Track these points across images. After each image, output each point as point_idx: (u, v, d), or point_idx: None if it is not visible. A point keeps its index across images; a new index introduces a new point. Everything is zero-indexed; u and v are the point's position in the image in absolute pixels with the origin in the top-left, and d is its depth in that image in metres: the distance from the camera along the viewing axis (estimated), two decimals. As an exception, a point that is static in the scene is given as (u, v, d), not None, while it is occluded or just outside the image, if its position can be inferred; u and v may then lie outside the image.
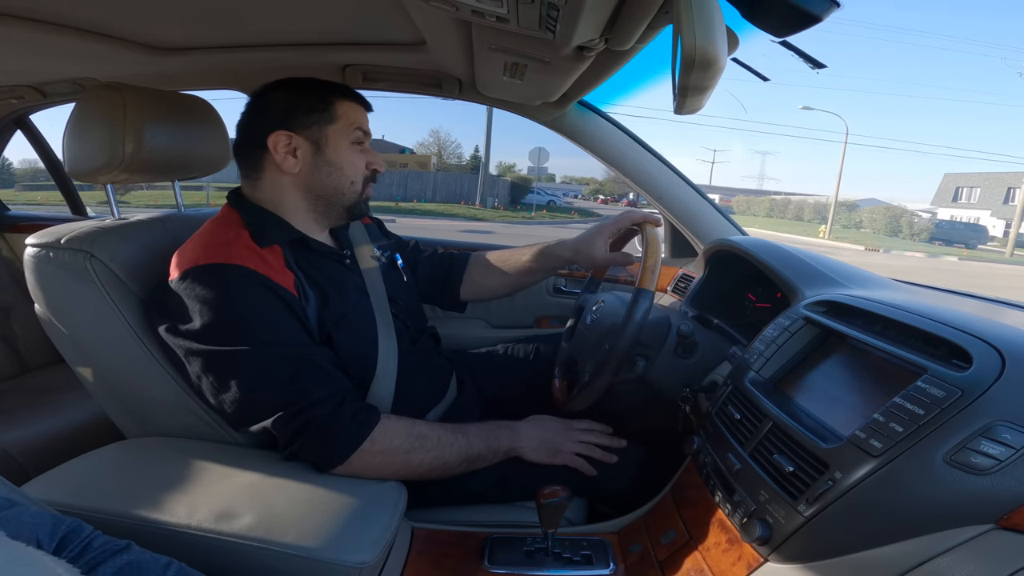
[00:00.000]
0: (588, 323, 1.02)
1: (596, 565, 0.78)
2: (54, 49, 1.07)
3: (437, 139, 33.24)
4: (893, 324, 0.64)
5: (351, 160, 0.88)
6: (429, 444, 0.81)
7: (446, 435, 0.83)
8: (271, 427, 0.74)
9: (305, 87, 0.87)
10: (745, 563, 0.63)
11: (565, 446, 0.92)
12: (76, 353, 0.85)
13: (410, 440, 0.79)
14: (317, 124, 0.85)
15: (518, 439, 0.90)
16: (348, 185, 0.88)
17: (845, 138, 23.65)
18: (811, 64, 0.70)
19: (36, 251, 0.81)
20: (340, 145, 0.87)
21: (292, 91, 0.86)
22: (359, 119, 0.89)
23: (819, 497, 0.54)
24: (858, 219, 26.94)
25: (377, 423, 0.77)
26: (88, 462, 0.77)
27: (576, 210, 25.10)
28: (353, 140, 0.88)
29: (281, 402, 0.73)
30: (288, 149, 0.84)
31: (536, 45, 0.79)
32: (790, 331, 0.74)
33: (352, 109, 0.88)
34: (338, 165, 0.87)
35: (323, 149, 0.86)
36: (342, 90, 0.89)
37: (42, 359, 1.64)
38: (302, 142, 0.84)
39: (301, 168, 0.85)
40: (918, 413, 0.51)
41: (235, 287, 0.74)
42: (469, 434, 0.86)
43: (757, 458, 0.65)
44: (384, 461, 0.77)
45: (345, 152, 0.87)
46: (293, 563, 0.61)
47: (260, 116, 0.86)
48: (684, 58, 0.48)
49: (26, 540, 0.45)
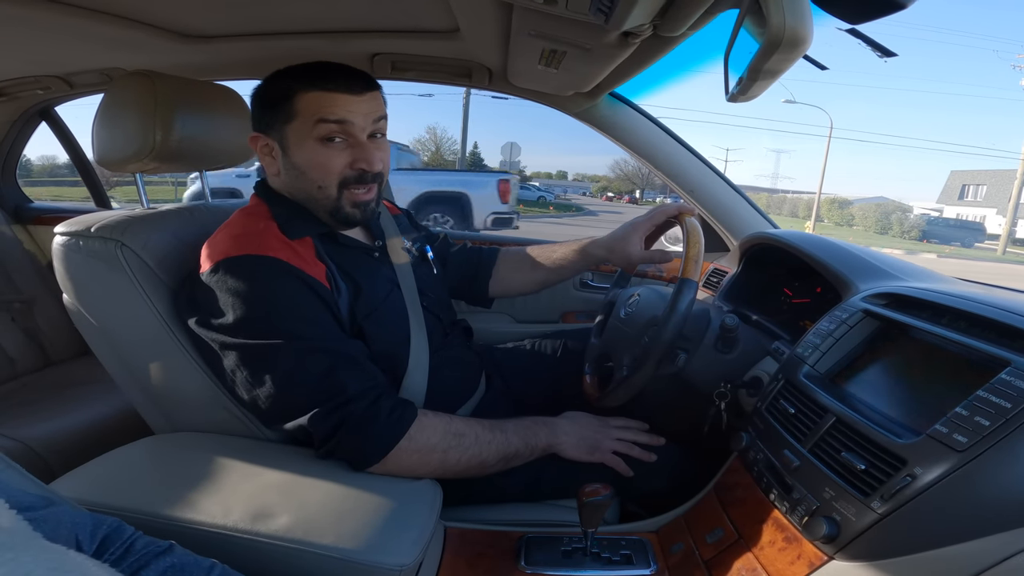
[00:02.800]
0: (622, 317, 1.00)
1: (636, 565, 0.76)
2: (82, 35, 1.06)
3: (434, 136, 33.03)
4: (964, 316, 0.62)
5: (316, 161, 0.77)
6: (467, 443, 0.78)
7: (484, 433, 0.81)
8: (307, 424, 0.72)
9: (275, 79, 0.79)
10: (806, 562, 0.60)
11: (604, 443, 0.90)
12: (104, 344, 0.84)
13: (448, 439, 0.77)
14: (279, 123, 0.77)
15: (556, 436, 0.88)
16: (316, 190, 0.79)
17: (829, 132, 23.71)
18: (880, 52, 0.67)
19: (66, 239, 0.80)
20: (302, 145, 0.77)
21: (264, 84, 0.80)
22: (324, 109, 0.75)
23: (895, 494, 0.52)
24: (850, 216, 26.80)
25: (414, 420, 0.75)
26: (117, 458, 0.76)
27: (553, 204, 24.88)
28: (319, 136, 0.76)
29: (317, 398, 0.71)
30: (265, 151, 0.80)
31: (580, 30, 0.77)
32: (848, 324, 0.72)
33: (316, 99, 0.74)
34: (301, 168, 0.78)
35: (288, 151, 0.78)
36: (309, 75, 0.76)
37: (66, 352, 1.63)
38: (273, 144, 0.79)
39: (278, 170, 0.81)
40: (1005, 407, 0.49)
41: (267, 279, 0.72)
42: (507, 431, 0.83)
43: (819, 454, 0.63)
44: (420, 460, 0.75)
45: (309, 152, 0.77)
46: (332, 565, 0.60)
47: (252, 113, 0.82)
48: (770, 38, 0.46)
49: (64, 541, 0.43)
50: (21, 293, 1.60)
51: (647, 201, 33.87)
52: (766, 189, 46.67)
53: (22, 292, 1.60)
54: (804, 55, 0.71)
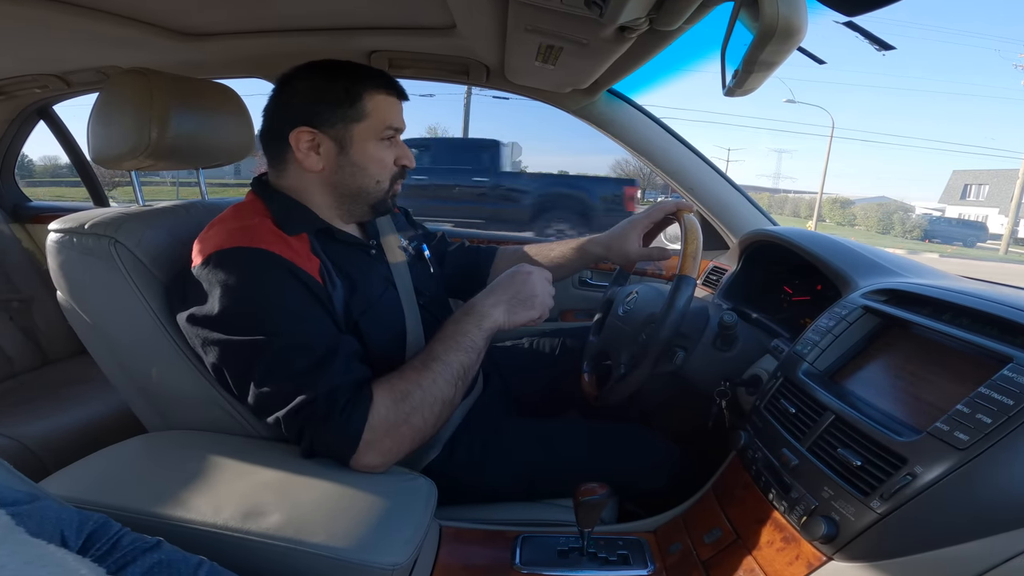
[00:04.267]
0: (621, 315, 0.99)
1: (634, 565, 0.75)
2: (79, 34, 1.06)
3: (435, 136, 32.91)
4: (966, 312, 0.61)
5: (378, 158, 0.82)
6: (416, 398, 0.73)
7: (425, 377, 0.75)
8: (282, 424, 0.71)
9: (333, 76, 0.81)
10: (804, 562, 0.59)
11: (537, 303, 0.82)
12: (98, 341, 0.83)
13: (399, 406, 0.72)
14: (343, 122, 0.79)
15: (484, 316, 0.80)
16: (374, 184, 0.84)
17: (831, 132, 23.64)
18: (878, 46, 0.66)
19: (60, 236, 0.79)
20: (367, 144, 0.81)
21: (318, 80, 0.80)
22: (391, 116, 0.82)
23: (895, 493, 0.51)
24: (851, 215, 26.72)
25: (369, 408, 0.70)
26: (109, 457, 0.75)
27: None
28: (382, 137, 0.82)
29: (292, 396, 0.69)
30: (311, 146, 0.80)
31: (576, 25, 0.76)
32: (847, 321, 0.71)
33: (385, 104, 0.81)
34: (363, 165, 0.82)
35: (347, 149, 0.80)
36: (375, 79, 0.81)
37: (63, 351, 1.63)
38: (325, 139, 0.80)
39: (324, 166, 0.81)
40: (1007, 404, 0.48)
41: (258, 272, 0.71)
42: (439, 355, 0.77)
43: (818, 453, 0.62)
44: (394, 440, 0.72)
45: (372, 151, 0.82)
46: (323, 564, 0.59)
47: (284, 106, 0.82)
48: (763, 28, 0.45)
49: (49, 537, 0.42)
50: (19, 292, 1.60)
51: (648, 201, 33.80)
52: (768, 189, 46.60)
53: (20, 291, 1.60)
54: (800, 48, 0.70)
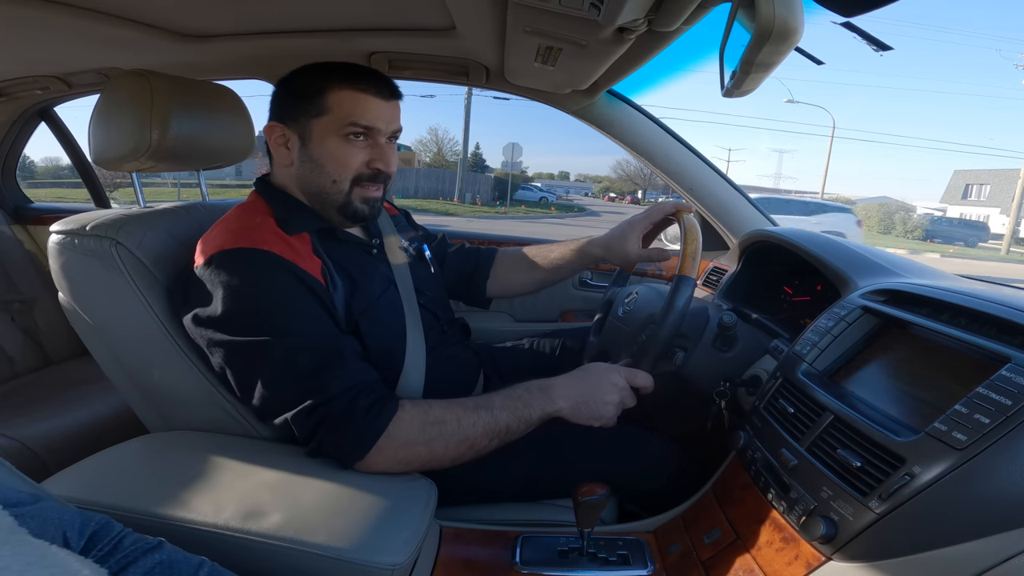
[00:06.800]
0: (620, 315, 0.99)
1: (633, 565, 0.75)
2: (80, 36, 1.06)
3: (436, 137, 32.94)
4: (964, 312, 0.61)
5: (336, 156, 0.80)
6: (448, 430, 0.74)
7: (467, 415, 0.76)
8: (291, 423, 0.71)
9: (306, 73, 0.81)
10: (804, 562, 0.59)
11: (606, 411, 0.82)
12: (99, 343, 0.83)
13: (428, 429, 0.73)
14: (305, 116, 0.79)
15: (553, 402, 0.80)
16: (329, 184, 0.81)
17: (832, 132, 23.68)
18: (875, 46, 0.66)
19: (61, 238, 0.80)
20: (325, 140, 0.79)
21: (295, 77, 0.82)
22: (356, 113, 0.78)
23: (893, 493, 0.51)
24: None
25: (393, 416, 0.72)
26: (110, 457, 0.75)
27: (555, 205, 25.05)
28: (344, 133, 0.79)
29: (300, 397, 0.70)
30: (281, 141, 0.81)
31: (575, 26, 0.76)
32: (847, 321, 0.71)
33: (350, 99, 0.78)
34: (320, 162, 0.80)
35: (308, 144, 0.80)
36: (343, 74, 0.79)
37: (65, 352, 1.63)
38: (292, 135, 0.81)
39: (292, 161, 0.82)
40: (1005, 404, 0.48)
41: (261, 273, 0.72)
42: (493, 408, 0.77)
43: (817, 453, 0.62)
44: (406, 455, 0.73)
45: (331, 147, 0.79)
46: (323, 564, 0.59)
47: (271, 104, 0.84)
48: (760, 29, 0.45)
49: (51, 537, 0.43)
50: (21, 293, 1.60)
51: (649, 201, 33.83)
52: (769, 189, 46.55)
53: (22, 292, 1.61)
54: (798, 48, 0.70)
